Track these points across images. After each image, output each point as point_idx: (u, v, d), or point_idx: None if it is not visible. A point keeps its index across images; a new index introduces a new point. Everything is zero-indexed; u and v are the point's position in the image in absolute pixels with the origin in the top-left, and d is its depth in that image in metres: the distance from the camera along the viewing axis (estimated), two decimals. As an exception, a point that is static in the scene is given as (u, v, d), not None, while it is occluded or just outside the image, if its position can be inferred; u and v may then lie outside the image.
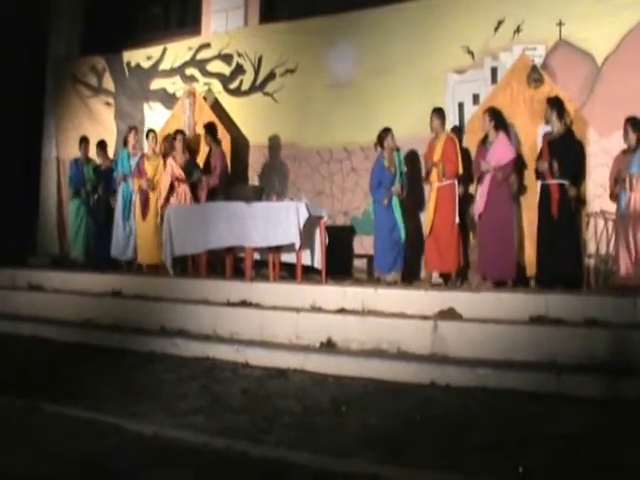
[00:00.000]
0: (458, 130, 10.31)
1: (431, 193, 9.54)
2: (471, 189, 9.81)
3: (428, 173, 9.61)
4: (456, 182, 9.43)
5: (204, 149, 11.71)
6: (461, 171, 9.45)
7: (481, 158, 9.12)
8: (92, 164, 12.54)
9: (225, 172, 11.15)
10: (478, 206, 9.09)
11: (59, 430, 5.17)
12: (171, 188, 10.96)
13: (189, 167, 11.06)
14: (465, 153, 9.84)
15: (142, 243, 11.19)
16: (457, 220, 9.35)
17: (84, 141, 12.75)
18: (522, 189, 9.44)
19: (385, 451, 4.57)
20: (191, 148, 11.83)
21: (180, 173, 10.96)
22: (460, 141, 9.89)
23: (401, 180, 9.67)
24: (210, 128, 11.43)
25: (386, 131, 9.71)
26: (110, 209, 11.77)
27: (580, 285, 8.44)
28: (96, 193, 12.21)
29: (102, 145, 12.50)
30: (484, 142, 9.25)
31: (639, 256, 8.15)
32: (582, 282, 8.57)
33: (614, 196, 8.55)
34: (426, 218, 9.50)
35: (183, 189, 10.97)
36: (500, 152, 9.00)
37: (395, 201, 9.61)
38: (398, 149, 9.76)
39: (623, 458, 4.40)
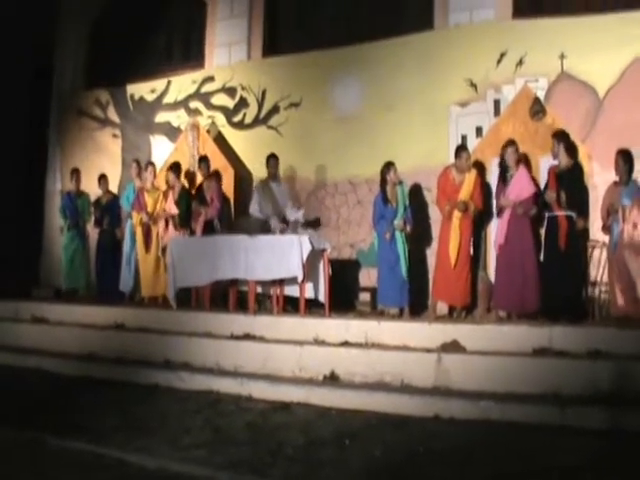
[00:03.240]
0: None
1: (452, 227, 9.31)
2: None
3: (452, 208, 9.30)
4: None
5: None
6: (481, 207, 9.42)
7: (502, 193, 9.08)
8: (85, 196, 12.64)
9: (223, 204, 11.16)
10: (498, 238, 9.03)
11: (63, 463, 5.17)
12: (167, 224, 11.07)
13: (184, 200, 11.10)
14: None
15: (145, 276, 11.24)
16: (472, 253, 9.36)
17: (75, 172, 12.82)
18: (542, 221, 9.29)
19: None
20: (192, 181, 11.89)
21: (172, 210, 11.03)
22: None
23: (404, 215, 9.62)
24: (203, 162, 11.51)
25: (388, 165, 9.69)
26: (116, 241, 11.85)
27: (585, 316, 8.42)
28: (98, 223, 12.26)
29: (103, 178, 12.57)
30: (504, 175, 9.15)
31: (633, 286, 8.18)
32: (586, 313, 8.55)
33: (607, 228, 8.61)
34: (450, 251, 9.28)
35: (178, 222, 11.10)
36: (520, 187, 8.94)
37: (398, 235, 9.57)
38: (401, 182, 9.75)
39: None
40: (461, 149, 9.57)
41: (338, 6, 12.57)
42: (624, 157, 8.51)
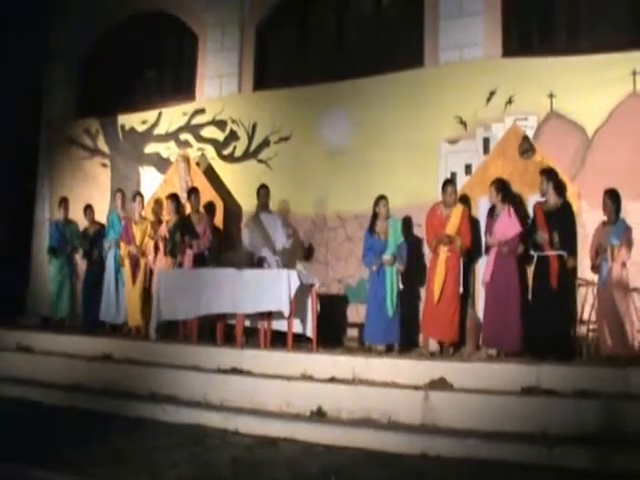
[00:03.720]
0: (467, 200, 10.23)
1: (438, 263, 9.36)
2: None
3: (438, 244, 9.37)
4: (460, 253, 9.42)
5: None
6: (469, 244, 9.44)
7: (488, 231, 9.14)
8: (73, 225, 12.65)
9: (213, 237, 11.19)
10: (485, 276, 9.07)
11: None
12: (156, 248, 11.10)
13: (174, 230, 11.11)
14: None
15: (131, 306, 11.25)
16: (461, 290, 9.37)
17: (64, 201, 12.87)
18: (529, 260, 9.27)
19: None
20: (182, 213, 11.90)
21: (165, 233, 11.07)
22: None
23: (395, 251, 9.57)
24: (194, 194, 11.48)
25: (379, 198, 9.74)
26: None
27: (573, 355, 8.41)
28: (86, 253, 12.29)
29: (89, 208, 12.60)
30: (492, 214, 9.24)
31: (622, 325, 8.21)
32: (575, 352, 8.54)
33: (595, 267, 8.65)
34: (434, 287, 9.32)
35: (165, 254, 11.08)
36: (505, 226, 8.99)
37: (387, 271, 9.55)
38: (389, 217, 9.76)
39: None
40: (447, 183, 9.66)
41: (329, 41, 12.68)
42: (611, 197, 8.57)
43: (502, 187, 9.20)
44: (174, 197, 11.53)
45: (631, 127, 9.61)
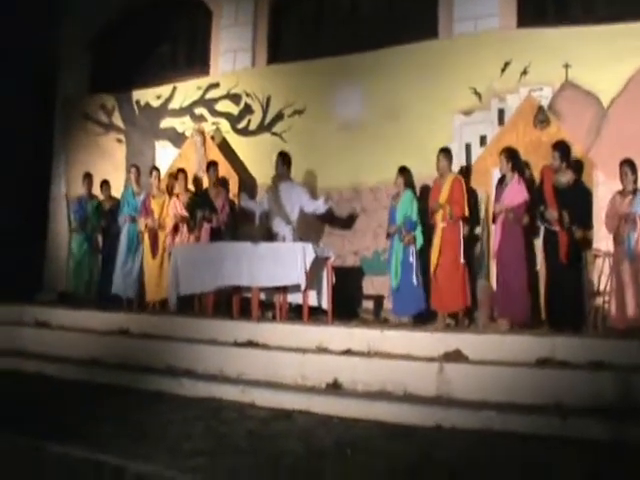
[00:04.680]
0: (465, 171, 10.35)
1: (435, 233, 9.53)
2: (477, 229, 9.91)
3: (433, 213, 9.57)
4: (461, 222, 9.44)
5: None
6: (467, 213, 9.47)
7: (496, 200, 9.20)
8: (95, 201, 12.68)
9: (231, 212, 11.22)
10: (494, 246, 9.14)
11: (62, 471, 5.16)
12: (175, 228, 11.07)
13: (193, 205, 11.12)
14: (471, 194, 9.90)
15: (150, 281, 11.29)
16: (462, 260, 9.36)
17: (87, 177, 12.93)
18: (536, 230, 9.38)
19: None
20: (199, 187, 11.92)
21: (183, 212, 11.05)
22: (467, 182, 9.91)
23: (405, 224, 9.62)
24: (212, 168, 11.53)
25: (399, 170, 9.82)
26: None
27: (585, 327, 8.41)
28: (99, 230, 12.35)
29: (105, 184, 12.66)
30: (501, 183, 9.31)
31: None
32: (586, 324, 8.54)
33: (617, 238, 8.51)
34: (431, 258, 9.50)
35: (185, 228, 11.06)
36: (513, 194, 9.04)
37: (395, 243, 9.70)
38: (407, 190, 9.79)
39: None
40: (441, 151, 9.72)
41: (342, 14, 12.60)
42: (631, 166, 8.49)
43: (512, 156, 9.25)
44: (183, 172, 11.57)
45: (646, 97, 9.52)
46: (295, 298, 9.53)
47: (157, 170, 11.92)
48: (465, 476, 4.94)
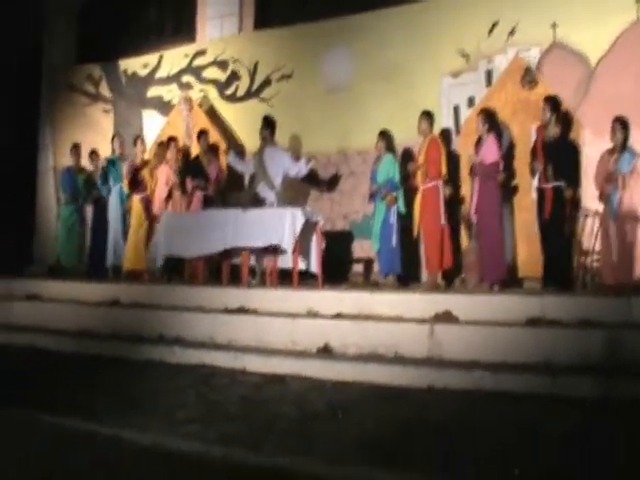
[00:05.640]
0: (447, 132, 10.42)
1: (417, 196, 9.54)
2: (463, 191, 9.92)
3: (413, 175, 9.62)
4: (441, 183, 9.39)
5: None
6: (444, 172, 9.42)
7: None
8: (84, 174, 12.56)
9: (222, 180, 11.19)
10: (472, 206, 9.15)
11: (57, 441, 5.16)
12: (168, 196, 11.00)
13: (184, 174, 11.05)
14: (455, 156, 10.00)
15: (131, 248, 11.20)
16: (443, 221, 9.33)
17: (75, 148, 12.80)
18: (514, 190, 9.50)
19: (381, 456, 4.57)
20: (188, 155, 11.85)
21: (174, 180, 10.98)
22: (449, 143, 9.99)
23: (386, 185, 9.67)
24: (203, 136, 11.45)
25: (379, 134, 9.81)
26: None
27: (571, 285, 8.46)
28: (90, 201, 12.27)
29: (94, 154, 12.57)
30: (478, 143, 9.35)
31: (629, 255, 8.19)
32: (577, 282, 8.59)
33: (604, 197, 8.56)
34: (414, 220, 9.53)
35: (178, 196, 10.98)
36: (486, 153, 9.08)
37: (377, 204, 9.77)
38: (388, 154, 9.79)
39: (615, 458, 4.41)
40: (422, 115, 9.69)
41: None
42: (622, 124, 8.48)
43: (488, 117, 9.32)
44: (174, 140, 11.50)
45: (634, 56, 9.48)
46: (285, 263, 9.52)
47: (141, 139, 11.84)
48: (457, 436, 4.95)
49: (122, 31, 14.58)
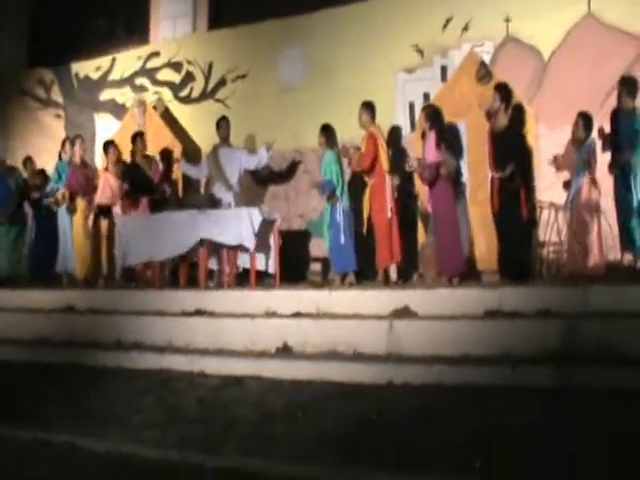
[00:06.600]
0: (397, 129, 10.45)
1: (365, 191, 9.46)
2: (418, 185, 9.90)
3: (352, 167, 9.63)
4: (387, 177, 9.24)
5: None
6: (386, 166, 9.24)
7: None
8: (19, 177, 12.29)
9: (170, 183, 11.11)
10: (426, 200, 9.14)
11: (10, 453, 5.09)
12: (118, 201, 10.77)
13: (123, 178, 10.75)
14: (402, 150, 10.09)
15: (80, 256, 10.93)
16: (389, 214, 9.20)
17: (29, 160, 12.50)
18: (467, 184, 9.52)
19: (341, 454, 4.54)
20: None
21: (116, 185, 10.76)
22: (399, 139, 10.10)
23: (327, 183, 9.41)
24: (138, 138, 11.10)
25: (321, 129, 9.69)
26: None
27: (528, 276, 8.45)
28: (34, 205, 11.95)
29: (29, 160, 12.39)
30: (423, 139, 9.24)
31: (587, 244, 8.20)
32: (534, 273, 8.61)
33: (566, 186, 8.56)
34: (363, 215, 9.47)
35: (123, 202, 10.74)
36: (428, 150, 8.94)
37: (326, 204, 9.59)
38: (328, 150, 9.66)
39: (575, 445, 4.42)
40: (363, 106, 9.47)
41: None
42: (585, 120, 8.44)
43: (430, 114, 9.07)
44: (112, 145, 11.16)
45: (587, 48, 9.52)
46: (243, 263, 9.49)
47: (80, 138, 11.44)
48: (418, 431, 4.93)
49: (74, 34, 14.46)
